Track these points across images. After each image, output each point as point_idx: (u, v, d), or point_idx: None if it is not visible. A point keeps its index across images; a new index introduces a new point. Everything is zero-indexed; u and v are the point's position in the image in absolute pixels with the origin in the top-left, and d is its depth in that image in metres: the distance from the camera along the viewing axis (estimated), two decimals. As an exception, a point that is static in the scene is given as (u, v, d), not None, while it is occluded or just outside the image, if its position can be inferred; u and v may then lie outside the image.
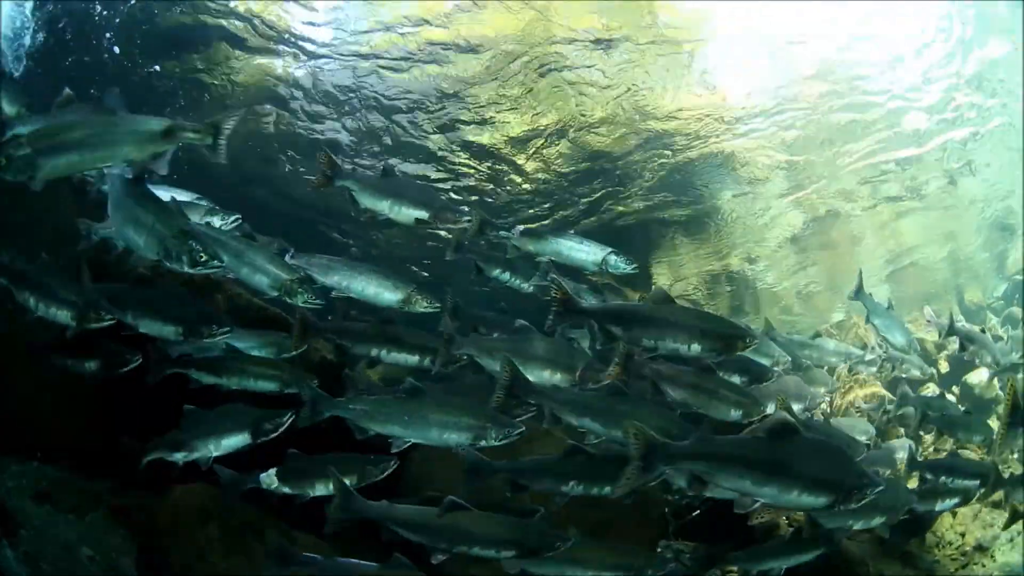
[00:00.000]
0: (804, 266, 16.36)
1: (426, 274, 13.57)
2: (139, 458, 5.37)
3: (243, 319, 6.10)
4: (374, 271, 6.13)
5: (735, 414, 5.52)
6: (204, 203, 6.01)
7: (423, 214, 6.29)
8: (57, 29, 9.78)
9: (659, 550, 6.10)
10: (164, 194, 5.95)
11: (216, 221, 5.84)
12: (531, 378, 5.21)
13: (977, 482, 6.51)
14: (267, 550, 4.87)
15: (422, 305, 6.05)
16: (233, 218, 5.94)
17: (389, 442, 5.05)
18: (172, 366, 5.57)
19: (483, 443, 4.92)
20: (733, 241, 15.00)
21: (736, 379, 6.13)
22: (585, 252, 6.89)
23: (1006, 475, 6.98)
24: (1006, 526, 7.09)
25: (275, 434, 5.34)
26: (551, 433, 5.40)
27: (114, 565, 5.14)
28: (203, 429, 5.34)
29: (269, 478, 5.29)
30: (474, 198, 12.30)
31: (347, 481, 5.03)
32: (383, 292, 6.03)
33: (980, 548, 8.28)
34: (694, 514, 6.64)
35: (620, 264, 6.78)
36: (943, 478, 6.55)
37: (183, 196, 6.21)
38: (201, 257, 4.41)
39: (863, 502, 4.08)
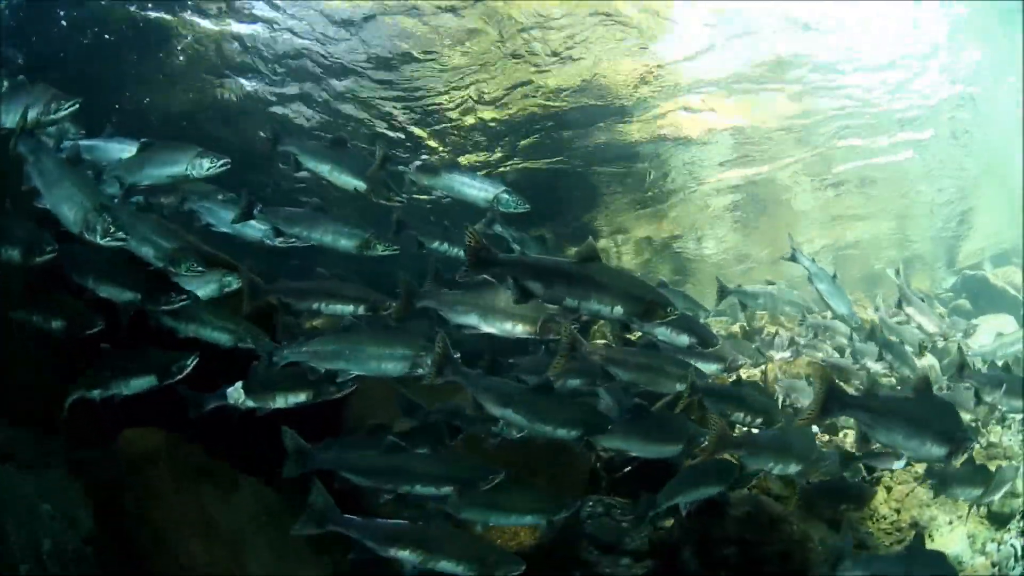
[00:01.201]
0: (747, 235, 16.62)
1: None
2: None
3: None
4: (333, 220, 6.35)
5: (680, 387, 5.73)
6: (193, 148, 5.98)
7: (360, 184, 6.55)
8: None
9: (591, 504, 6.48)
10: (118, 147, 6.22)
11: (205, 164, 5.85)
12: (493, 330, 5.52)
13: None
14: (308, 510, 4.88)
15: (379, 249, 6.24)
16: (222, 162, 5.87)
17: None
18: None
19: (420, 371, 5.20)
20: (675, 208, 15.08)
21: (684, 339, 6.18)
22: (477, 188, 7.09)
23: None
24: (967, 515, 7.39)
25: (180, 376, 5.50)
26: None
27: (72, 517, 5.25)
28: (114, 370, 5.51)
29: (236, 392, 5.45)
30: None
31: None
32: (341, 238, 6.26)
33: (916, 526, 8.51)
34: (625, 469, 6.92)
35: (511, 203, 6.98)
36: None
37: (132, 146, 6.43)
38: (111, 230, 4.77)
39: (968, 453, 4.79)
